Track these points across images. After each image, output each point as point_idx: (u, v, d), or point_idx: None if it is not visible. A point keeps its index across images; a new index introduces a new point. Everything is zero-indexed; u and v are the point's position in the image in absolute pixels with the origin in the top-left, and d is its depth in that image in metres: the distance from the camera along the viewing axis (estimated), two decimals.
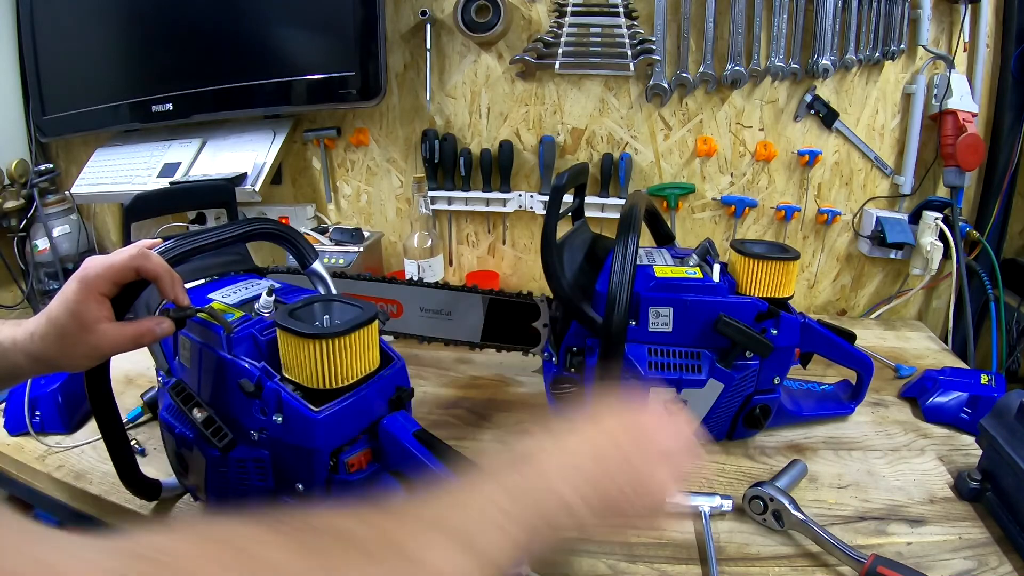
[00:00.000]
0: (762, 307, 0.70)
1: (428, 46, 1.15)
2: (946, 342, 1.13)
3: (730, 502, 0.66)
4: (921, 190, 1.14)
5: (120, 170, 1.32)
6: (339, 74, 1.13)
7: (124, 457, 0.60)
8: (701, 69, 1.10)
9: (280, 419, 0.53)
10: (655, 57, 1.09)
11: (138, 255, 0.50)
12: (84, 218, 1.39)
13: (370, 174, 1.31)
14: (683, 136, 1.16)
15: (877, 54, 1.06)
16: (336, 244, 1.18)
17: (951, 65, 1.05)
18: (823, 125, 1.12)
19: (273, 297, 0.61)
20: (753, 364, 0.71)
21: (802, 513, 0.61)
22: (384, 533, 0.30)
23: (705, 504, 0.65)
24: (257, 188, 1.19)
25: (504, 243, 1.29)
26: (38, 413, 0.82)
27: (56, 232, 1.32)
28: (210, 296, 0.64)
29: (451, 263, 1.32)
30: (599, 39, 1.10)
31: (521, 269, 1.31)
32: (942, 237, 1.08)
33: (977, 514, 0.66)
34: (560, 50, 1.11)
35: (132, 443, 0.70)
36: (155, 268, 0.51)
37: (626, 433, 0.43)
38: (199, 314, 0.56)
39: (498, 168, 1.21)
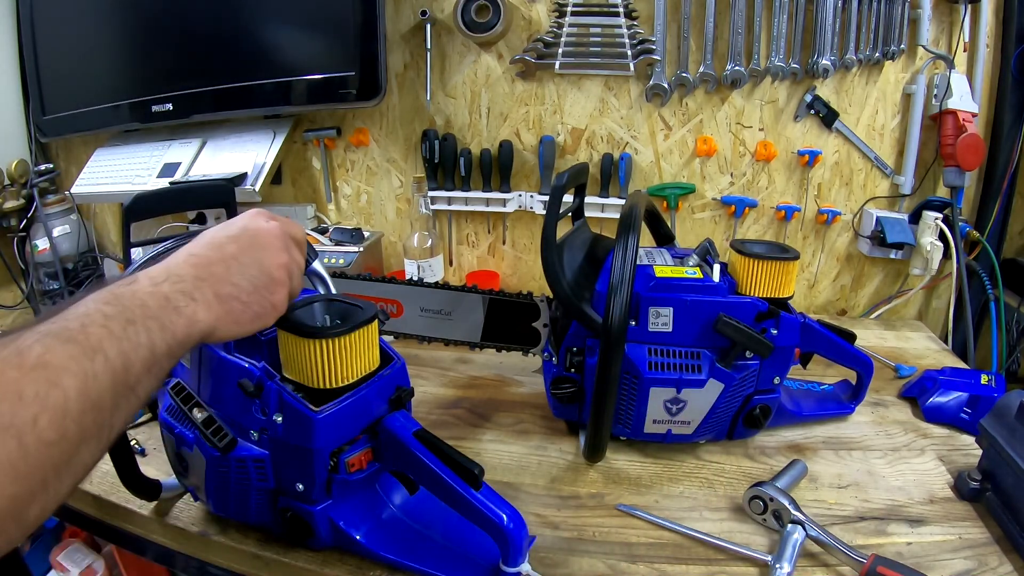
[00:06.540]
0: (762, 307, 0.70)
1: (428, 46, 1.15)
2: (946, 342, 1.13)
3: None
4: (921, 190, 1.14)
5: (120, 170, 1.32)
6: (339, 74, 1.13)
7: (124, 457, 0.60)
8: (701, 69, 1.10)
9: (280, 419, 0.54)
10: (655, 57, 1.09)
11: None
12: (84, 218, 1.39)
13: (370, 174, 1.31)
14: (683, 136, 1.16)
15: (877, 54, 1.06)
16: (336, 244, 1.18)
17: (951, 65, 1.05)
18: (823, 125, 1.12)
19: None
20: (753, 364, 0.71)
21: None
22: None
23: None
24: (257, 188, 1.19)
25: (504, 243, 1.29)
26: None
27: (56, 232, 1.32)
28: None
29: (451, 263, 1.32)
30: (599, 39, 1.10)
31: (521, 269, 1.31)
32: (942, 237, 1.08)
33: (977, 514, 0.66)
34: (560, 50, 1.11)
35: (132, 443, 0.71)
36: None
37: (227, 236, 0.49)
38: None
39: (498, 168, 1.21)
